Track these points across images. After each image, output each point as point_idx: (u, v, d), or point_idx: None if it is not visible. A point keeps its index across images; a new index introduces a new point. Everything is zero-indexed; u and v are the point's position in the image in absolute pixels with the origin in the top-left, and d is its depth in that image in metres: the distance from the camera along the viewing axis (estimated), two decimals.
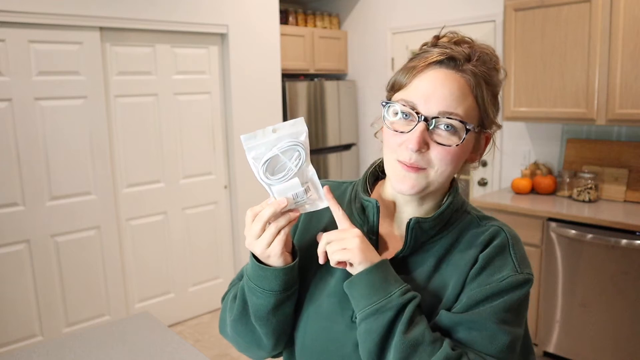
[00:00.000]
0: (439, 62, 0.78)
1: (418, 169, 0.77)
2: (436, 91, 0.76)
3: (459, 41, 0.81)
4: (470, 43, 0.81)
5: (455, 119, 0.76)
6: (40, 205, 2.89)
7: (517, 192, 3.21)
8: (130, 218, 3.28)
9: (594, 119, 2.81)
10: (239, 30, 3.59)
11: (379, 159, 0.91)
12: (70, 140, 2.97)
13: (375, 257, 0.77)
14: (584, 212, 2.73)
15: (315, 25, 4.39)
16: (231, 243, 3.83)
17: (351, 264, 0.76)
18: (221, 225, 3.75)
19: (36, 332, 2.95)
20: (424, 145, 0.76)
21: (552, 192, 3.16)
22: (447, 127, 0.76)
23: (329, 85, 4.27)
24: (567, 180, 3.07)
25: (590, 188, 2.94)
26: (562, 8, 2.85)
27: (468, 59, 0.78)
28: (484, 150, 0.86)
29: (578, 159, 3.16)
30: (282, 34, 3.96)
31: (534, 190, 3.22)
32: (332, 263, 0.77)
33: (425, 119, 0.76)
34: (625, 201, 2.93)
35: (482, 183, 3.74)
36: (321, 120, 4.24)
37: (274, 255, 0.78)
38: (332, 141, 4.35)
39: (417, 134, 0.75)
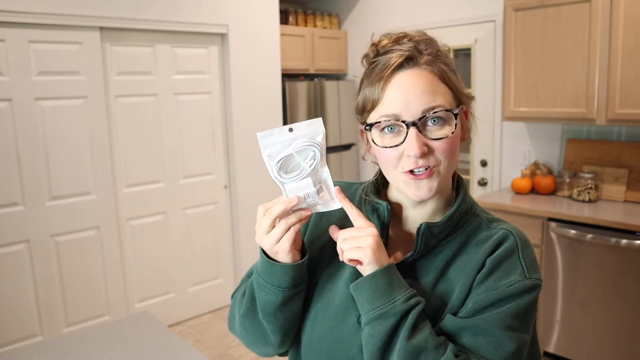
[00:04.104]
0: (399, 67, 0.78)
1: (428, 173, 0.77)
2: (410, 94, 0.76)
3: (398, 38, 0.81)
4: (408, 35, 0.81)
5: (441, 110, 0.76)
6: (40, 205, 2.89)
7: (517, 192, 3.21)
8: (130, 218, 3.28)
9: (594, 119, 2.81)
10: (239, 30, 3.59)
11: None
12: (70, 140, 2.97)
13: (385, 260, 0.77)
14: (584, 212, 2.73)
15: (315, 25, 4.39)
16: (231, 243, 3.83)
17: (361, 263, 0.76)
18: (221, 225, 3.75)
19: (36, 332, 2.95)
20: (424, 148, 0.76)
21: (552, 192, 3.15)
22: (434, 120, 0.77)
23: (329, 85, 4.27)
24: (567, 180, 3.07)
25: (590, 188, 2.94)
26: (562, 8, 2.85)
27: (419, 52, 0.78)
28: (469, 126, 0.86)
29: (578, 159, 3.16)
30: (282, 34, 3.96)
31: (534, 190, 3.22)
32: (345, 260, 0.77)
33: (414, 124, 0.76)
34: (625, 201, 2.92)
35: (482, 183, 3.74)
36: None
37: (283, 251, 0.79)
38: (332, 141, 4.35)
39: (414, 140, 0.75)
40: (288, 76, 4.15)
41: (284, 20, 4.17)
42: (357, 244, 0.76)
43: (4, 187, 2.76)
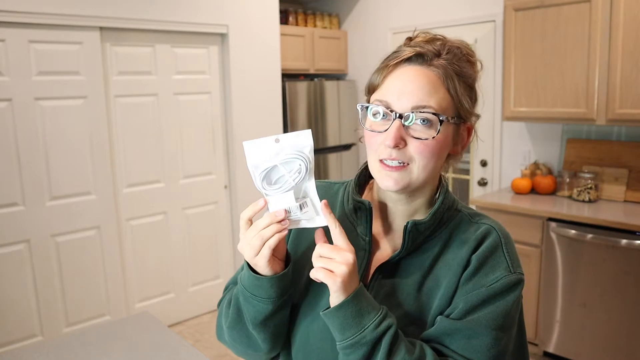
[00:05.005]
0: (408, 60, 0.79)
1: (400, 167, 0.78)
2: (407, 87, 0.77)
3: (431, 39, 0.82)
4: (442, 40, 0.82)
5: (428, 112, 0.77)
6: (40, 205, 2.89)
7: (517, 192, 3.21)
8: (130, 218, 3.28)
9: (594, 119, 2.81)
10: (239, 30, 3.59)
11: None
12: (70, 140, 2.96)
13: (354, 286, 0.75)
14: (584, 212, 2.73)
15: (315, 25, 4.39)
16: (231, 243, 3.83)
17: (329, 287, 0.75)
18: (221, 225, 3.75)
19: (36, 332, 2.95)
20: (400, 141, 0.77)
21: (552, 192, 3.15)
22: (423, 121, 0.77)
23: (329, 85, 4.27)
24: (567, 180, 3.07)
25: (590, 188, 2.94)
26: (562, 8, 2.85)
27: (437, 54, 0.79)
28: (467, 143, 0.86)
29: (578, 159, 3.16)
30: (282, 34, 3.96)
31: (534, 190, 3.22)
32: (312, 277, 0.75)
33: (400, 116, 0.77)
34: (625, 201, 2.92)
35: (482, 183, 3.74)
36: (321, 120, 4.24)
37: (262, 262, 0.77)
38: (332, 141, 4.35)
39: (393, 131, 0.76)
40: (288, 76, 4.15)
41: (284, 20, 4.17)
42: (330, 267, 0.74)
43: (4, 187, 2.76)
